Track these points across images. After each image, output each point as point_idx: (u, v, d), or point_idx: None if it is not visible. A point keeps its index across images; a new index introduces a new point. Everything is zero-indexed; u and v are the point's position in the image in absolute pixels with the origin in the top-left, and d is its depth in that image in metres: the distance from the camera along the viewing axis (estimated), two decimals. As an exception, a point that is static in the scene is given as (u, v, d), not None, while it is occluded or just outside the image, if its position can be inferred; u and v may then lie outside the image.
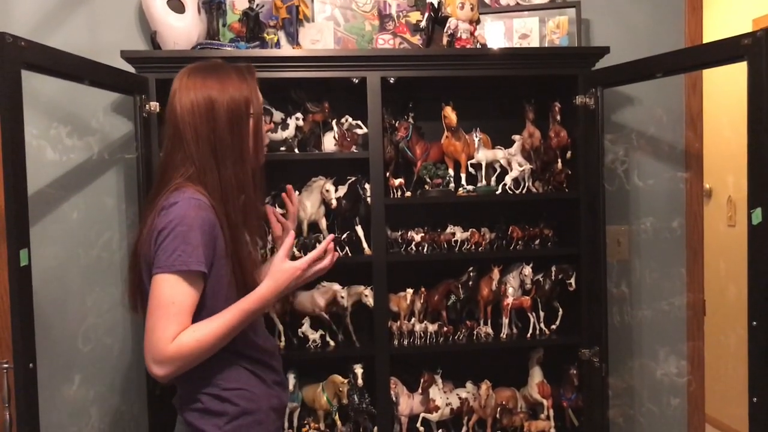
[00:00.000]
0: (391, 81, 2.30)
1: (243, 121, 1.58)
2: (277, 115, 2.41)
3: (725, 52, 1.90)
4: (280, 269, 1.60)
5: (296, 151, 2.39)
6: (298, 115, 2.39)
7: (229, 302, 1.54)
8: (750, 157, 1.80)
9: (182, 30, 2.30)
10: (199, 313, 1.50)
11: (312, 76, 2.29)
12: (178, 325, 1.44)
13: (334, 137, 2.40)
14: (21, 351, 1.61)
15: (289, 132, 2.37)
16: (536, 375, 2.52)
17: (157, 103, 2.21)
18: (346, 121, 2.41)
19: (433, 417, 2.42)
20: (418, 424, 2.42)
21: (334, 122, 2.41)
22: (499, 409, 2.45)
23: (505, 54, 2.35)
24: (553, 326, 2.53)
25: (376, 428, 2.38)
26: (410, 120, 2.47)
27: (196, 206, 1.48)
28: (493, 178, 2.53)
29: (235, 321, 1.51)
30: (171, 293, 1.44)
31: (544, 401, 2.49)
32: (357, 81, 2.29)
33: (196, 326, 1.47)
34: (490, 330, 2.49)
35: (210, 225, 1.49)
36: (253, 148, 1.62)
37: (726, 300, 3.92)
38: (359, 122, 2.41)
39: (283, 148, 2.38)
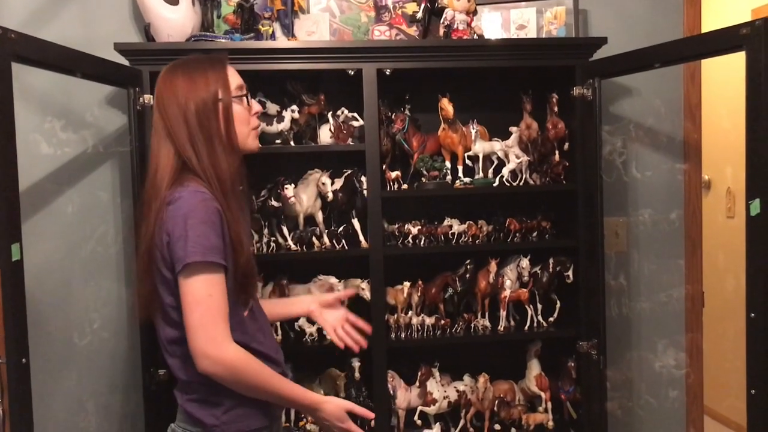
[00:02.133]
0: (388, 72, 2.29)
1: (226, 108, 1.57)
2: (273, 108, 2.39)
3: (724, 41, 1.88)
4: (336, 407, 1.62)
5: (292, 143, 2.38)
6: (294, 107, 2.37)
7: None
8: (748, 147, 1.78)
9: (176, 22, 2.28)
10: None
11: (307, 68, 2.27)
12: (224, 319, 1.45)
13: (330, 130, 2.39)
14: (13, 346, 1.60)
15: (285, 124, 2.36)
16: (534, 368, 2.51)
17: (152, 96, 2.18)
18: (342, 113, 2.40)
19: (431, 410, 2.41)
20: (416, 418, 2.42)
21: (329, 114, 2.40)
22: (496, 402, 2.44)
23: (502, 45, 2.33)
24: (551, 319, 2.52)
25: (373, 422, 2.37)
26: (407, 112, 2.45)
27: (203, 198, 1.47)
28: (491, 171, 2.52)
29: (280, 392, 1.54)
30: (206, 287, 1.43)
31: (542, 394, 2.49)
32: (353, 73, 2.28)
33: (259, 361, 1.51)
34: (487, 323, 2.48)
35: (220, 215, 1.48)
36: (226, 134, 1.58)
37: (725, 292, 3.91)
38: (355, 114, 2.40)
39: (278, 141, 2.37)
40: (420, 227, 2.44)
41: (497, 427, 2.49)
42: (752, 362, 1.81)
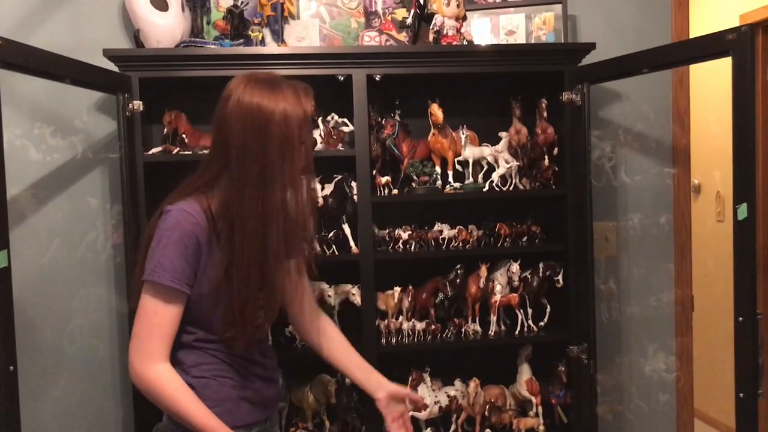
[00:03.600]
0: (377, 78, 2.29)
1: (295, 145, 1.50)
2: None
3: (710, 47, 1.90)
4: None
5: (282, 149, 2.37)
6: (284, 112, 2.36)
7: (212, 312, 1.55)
8: (735, 152, 1.80)
9: (166, 28, 2.28)
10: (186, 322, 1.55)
11: (297, 74, 2.27)
12: (161, 338, 1.48)
13: (320, 135, 2.39)
14: (1, 353, 1.59)
15: (275, 130, 2.35)
16: (525, 372, 2.51)
17: (141, 102, 2.20)
18: (332, 118, 2.40)
19: (422, 416, 2.40)
20: (407, 423, 2.41)
21: (319, 120, 2.40)
22: (487, 406, 2.44)
23: (491, 51, 2.34)
24: (541, 323, 2.52)
25: (364, 427, 2.37)
26: (397, 117, 2.45)
27: (186, 220, 1.47)
28: (480, 176, 2.52)
29: (194, 423, 1.49)
30: (154, 303, 1.48)
31: (533, 398, 2.49)
32: (343, 78, 2.28)
33: (183, 385, 1.50)
34: (478, 327, 2.48)
35: (195, 242, 1.48)
36: (303, 173, 1.56)
37: (714, 295, 3.92)
38: (345, 120, 2.40)
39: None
40: (410, 232, 2.44)
41: (488, 431, 2.49)
42: (740, 366, 1.82)
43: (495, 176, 2.46)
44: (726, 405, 3.86)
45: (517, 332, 2.49)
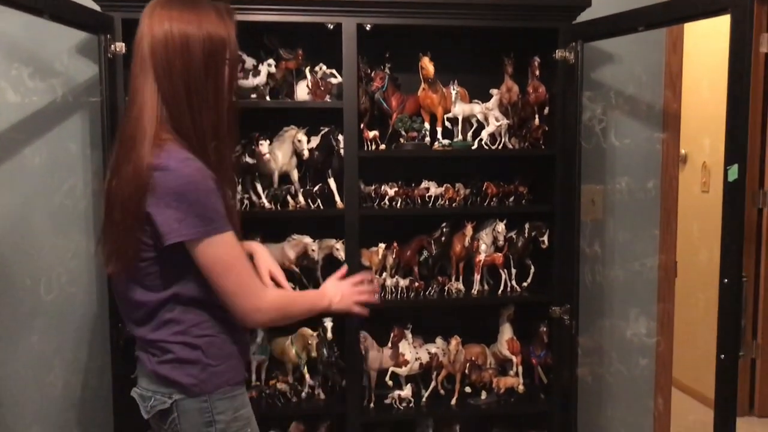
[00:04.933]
0: (368, 28, 2.24)
1: (219, 62, 1.48)
2: (249, 62, 2.33)
3: (708, 4, 1.86)
4: (342, 300, 1.74)
5: (268, 98, 2.32)
6: (270, 61, 2.31)
7: None
8: (729, 112, 1.77)
9: (150, -32, 2.20)
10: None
11: (285, 20, 2.21)
12: (252, 273, 1.50)
13: (308, 86, 2.33)
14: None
15: (261, 79, 2.30)
16: (506, 332, 2.51)
17: (123, 44, 2.13)
18: (320, 69, 2.35)
19: (402, 371, 2.41)
20: (387, 378, 2.41)
21: (307, 70, 2.34)
22: (468, 364, 2.44)
23: (485, 4, 2.29)
24: (525, 284, 2.52)
25: (344, 381, 2.36)
26: (386, 70, 2.40)
27: (198, 167, 1.41)
28: (470, 134, 2.49)
29: (310, 307, 1.66)
30: (230, 251, 1.45)
31: (514, 358, 2.50)
32: (332, 27, 2.22)
33: (286, 291, 1.72)
34: (461, 286, 2.47)
35: (215, 181, 1.44)
36: (228, 95, 1.53)
37: (697, 265, 3.95)
38: (334, 71, 2.35)
39: (254, 96, 2.31)
40: (397, 189, 2.41)
41: (468, 389, 2.50)
42: (723, 328, 1.83)
43: (484, 134, 2.43)
44: (702, 373, 3.92)
45: (500, 292, 2.48)
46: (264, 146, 2.26)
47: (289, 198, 2.36)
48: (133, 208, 1.40)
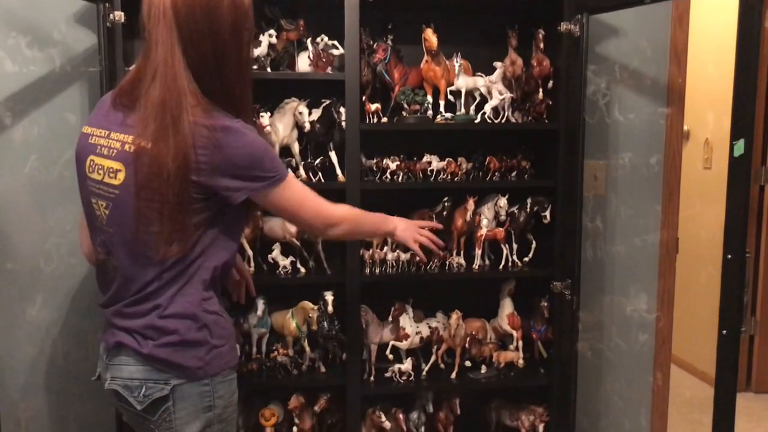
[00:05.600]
0: (371, -2, 2.20)
1: (244, 29, 1.47)
2: (250, 32, 2.29)
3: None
4: (404, 230, 1.98)
5: (269, 70, 2.29)
6: (271, 32, 2.27)
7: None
8: (736, 84, 1.74)
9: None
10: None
11: (287, -9, 2.18)
12: (322, 200, 1.64)
13: (309, 57, 2.30)
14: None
15: (261, 50, 2.26)
16: (507, 306, 2.51)
17: (122, 13, 2.10)
18: (322, 40, 2.32)
19: (403, 345, 2.41)
20: (388, 352, 2.41)
21: (309, 41, 2.31)
22: (468, 339, 2.44)
23: (489, -26, 2.25)
24: (526, 258, 2.51)
25: (344, 355, 2.37)
26: (389, 42, 2.37)
27: (249, 128, 1.46)
28: (473, 107, 2.46)
29: (375, 223, 1.94)
30: (300, 187, 1.60)
31: (514, 332, 2.50)
32: (334, -3, 2.19)
33: (355, 209, 1.87)
34: (462, 261, 2.46)
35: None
36: (249, 65, 1.57)
37: (698, 241, 3.94)
38: (335, 42, 2.32)
39: (254, 67, 2.27)
40: (398, 162, 2.39)
41: (468, 363, 2.51)
42: (726, 303, 1.81)
43: (487, 107, 2.40)
44: (703, 350, 3.94)
45: (501, 267, 2.48)
46: (264, 118, 2.24)
47: (289, 171, 2.34)
48: (185, 177, 1.36)
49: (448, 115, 2.40)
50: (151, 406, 1.45)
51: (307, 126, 2.29)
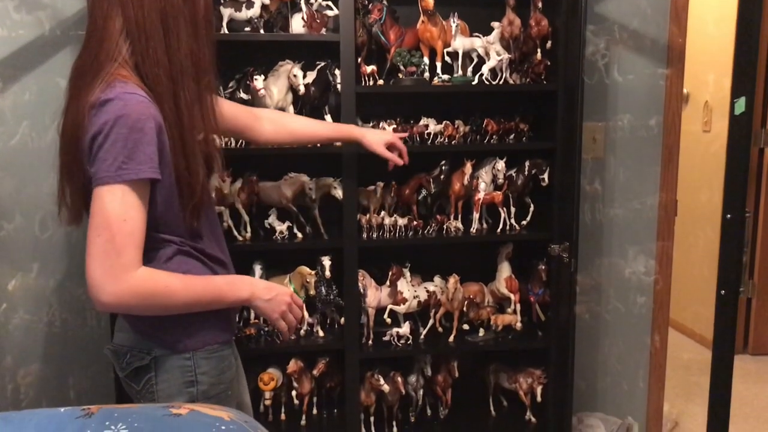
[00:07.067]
0: (365, -43, 2.16)
1: None
2: (242, -7, 2.25)
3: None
4: (278, 285, 1.51)
5: (262, 31, 2.25)
6: (265, -8, 2.23)
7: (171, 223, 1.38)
8: (738, 42, 1.71)
9: None
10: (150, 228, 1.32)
11: (279, -51, 2.13)
12: (135, 247, 1.25)
13: (303, 18, 2.26)
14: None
15: (255, 11, 2.22)
16: (504, 270, 2.50)
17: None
18: (316, 1, 2.27)
19: (401, 309, 2.41)
20: (386, 316, 2.41)
21: (302, 2, 2.26)
22: (466, 302, 2.44)
23: (487, -68, 2.20)
24: (524, 222, 2.50)
25: (343, 319, 2.37)
26: (384, 2, 2.32)
27: (137, 102, 1.25)
28: (470, 68, 2.43)
29: (206, 296, 1.37)
30: (122, 209, 1.23)
31: (512, 296, 2.49)
32: (328, -44, 2.14)
33: (171, 273, 1.34)
34: (460, 225, 2.45)
35: (156, 122, 1.27)
36: (206, 24, 1.41)
37: (696, 204, 3.93)
38: (330, 3, 2.27)
39: (247, 29, 2.24)
40: (395, 126, 2.36)
41: (466, 327, 2.51)
42: (724, 263, 1.81)
43: (485, 69, 2.37)
44: (700, 311, 3.96)
45: (499, 230, 2.46)
46: (258, 81, 2.20)
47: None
48: (75, 142, 1.30)
49: (445, 77, 2.36)
50: (135, 375, 1.43)
51: (302, 89, 2.25)
